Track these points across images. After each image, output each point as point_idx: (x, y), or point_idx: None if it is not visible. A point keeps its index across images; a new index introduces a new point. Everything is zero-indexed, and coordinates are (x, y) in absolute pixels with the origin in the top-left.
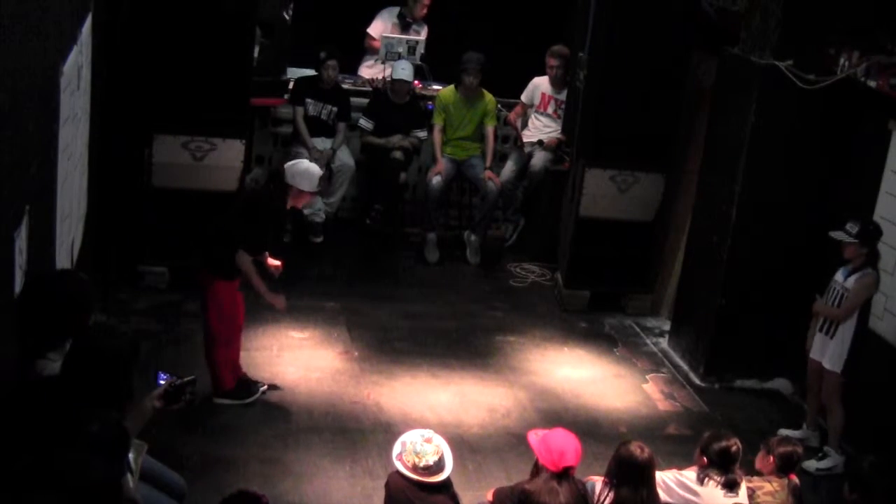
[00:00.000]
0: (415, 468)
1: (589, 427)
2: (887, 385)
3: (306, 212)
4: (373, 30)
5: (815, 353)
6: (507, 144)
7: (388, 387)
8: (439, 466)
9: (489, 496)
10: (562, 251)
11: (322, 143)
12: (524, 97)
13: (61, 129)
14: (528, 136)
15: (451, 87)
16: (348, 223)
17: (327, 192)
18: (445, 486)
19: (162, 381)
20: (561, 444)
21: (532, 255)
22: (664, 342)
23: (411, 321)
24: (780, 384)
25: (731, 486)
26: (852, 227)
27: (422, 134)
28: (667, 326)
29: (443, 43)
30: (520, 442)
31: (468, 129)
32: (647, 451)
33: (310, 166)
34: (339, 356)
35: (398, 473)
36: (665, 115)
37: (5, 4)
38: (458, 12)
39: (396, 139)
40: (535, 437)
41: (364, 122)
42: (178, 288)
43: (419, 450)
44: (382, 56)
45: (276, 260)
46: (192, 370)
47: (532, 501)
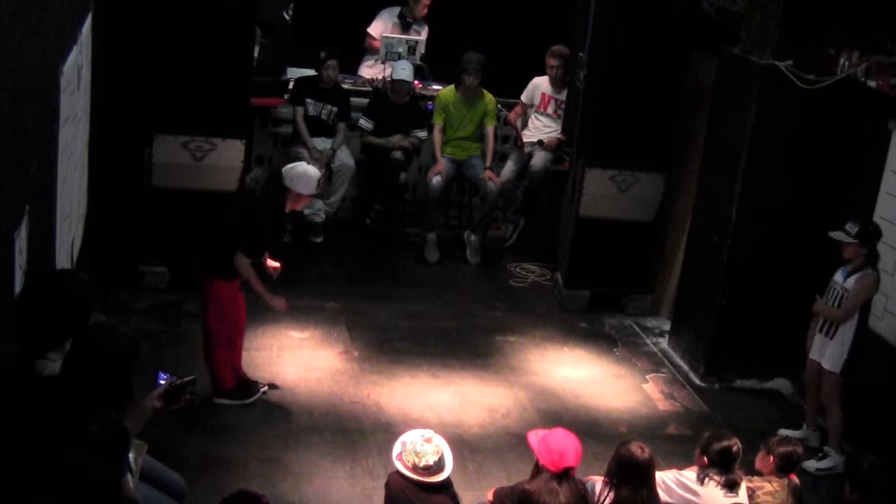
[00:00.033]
0: (415, 468)
1: (589, 427)
2: (887, 385)
3: (306, 212)
4: (373, 30)
5: (814, 354)
6: (507, 144)
7: (388, 387)
8: (439, 466)
9: (489, 496)
10: (562, 251)
11: (322, 143)
12: (524, 97)
13: (61, 129)
14: (528, 136)
15: (451, 87)
16: (348, 223)
17: (327, 192)
18: (445, 486)
19: (162, 381)
20: (561, 445)
21: (532, 255)
22: (664, 342)
23: (411, 321)
24: (780, 384)
25: (731, 486)
26: (852, 227)
27: (422, 134)
28: (667, 326)
29: (443, 43)
30: (520, 442)
31: (468, 129)
32: (648, 451)
33: (307, 169)
34: (339, 356)
35: (398, 473)
36: (665, 115)
37: (5, 4)
38: (458, 12)
39: (396, 139)
40: (535, 437)
41: (364, 122)
42: (178, 288)
43: (419, 450)
44: (382, 56)
45: (275, 261)
46: (192, 370)
47: (532, 502)
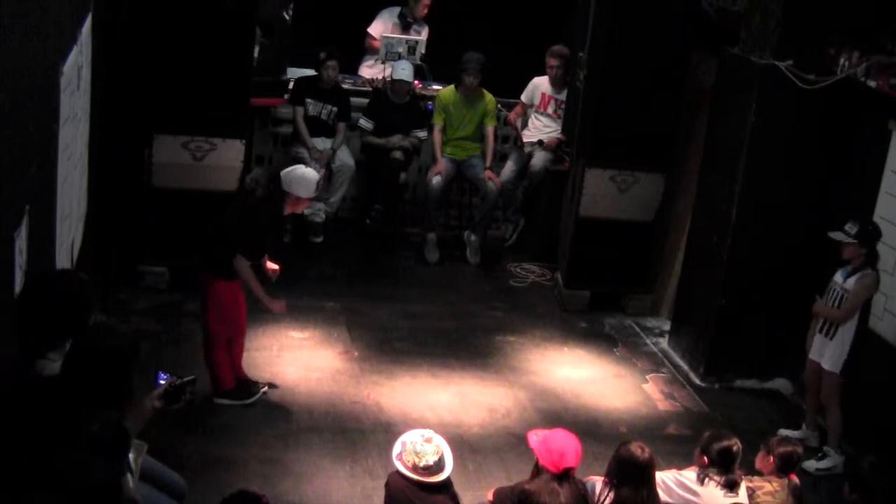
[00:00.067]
0: (415, 468)
1: (589, 427)
2: (887, 385)
3: (306, 212)
4: (373, 30)
5: (813, 354)
6: (507, 144)
7: (388, 387)
8: (439, 466)
9: (489, 496)
10: (562, 251)
11: (322, 143)
12: (524, 97)
13: (61, 129)
14: (528, 136)
15: (451, 87)
16: (348, 223)
17: (327, 192)
18: (445, 486)
19: (162, 381)
20: (561, 445)
21: (532, 255)
22: (664, 342)
23: (411, 321)
24: (780, 384)
25: (731, 486)
26: (851, 227)
27: (422, 134)
28: (667, 326)
29: (443, 43)
30: (520, 442)
31: (468, 129)
32: (648, 452)
33: (306, 172)
34: (339, 356)
35: (398, 473)
36: (665, 115)
37: (5, 4)
38: (458, 12)
39: (396, 139)
40: (535, 437)
41: (364, 122)
42: (178, 288)
43: (419, 450)
44: (382, 56)
45: (274, 263)
46: (192, 370)
47: (532, 502)
